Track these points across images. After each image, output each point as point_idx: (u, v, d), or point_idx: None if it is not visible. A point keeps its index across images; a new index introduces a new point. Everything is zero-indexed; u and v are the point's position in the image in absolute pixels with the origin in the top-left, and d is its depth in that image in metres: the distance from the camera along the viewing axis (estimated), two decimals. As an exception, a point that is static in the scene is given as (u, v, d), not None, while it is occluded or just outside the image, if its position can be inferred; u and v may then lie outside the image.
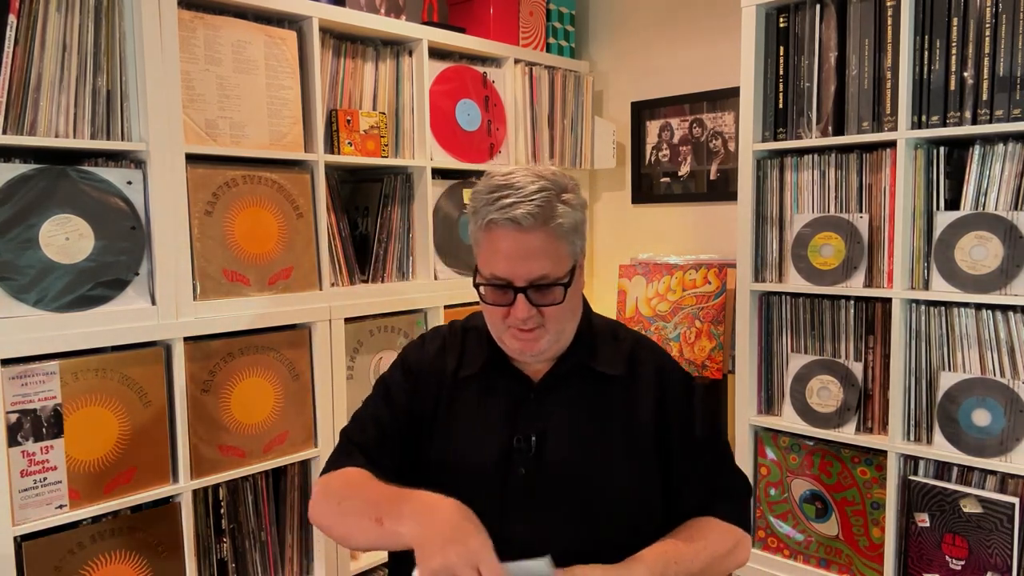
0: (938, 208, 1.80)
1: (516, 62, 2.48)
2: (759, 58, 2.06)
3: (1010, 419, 1.70)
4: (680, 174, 2.63)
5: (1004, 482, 1.73)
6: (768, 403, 2.13)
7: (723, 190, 2.51)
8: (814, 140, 1.97)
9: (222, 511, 1.80)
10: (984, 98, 1.71)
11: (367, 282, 2.14)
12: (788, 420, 2.05)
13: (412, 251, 2.24)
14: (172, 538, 1.71)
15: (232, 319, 1.79)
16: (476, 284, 1.17)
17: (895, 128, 1.83)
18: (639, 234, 2.73)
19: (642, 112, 2.71)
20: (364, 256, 2.16)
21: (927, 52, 1.78)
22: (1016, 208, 1.69)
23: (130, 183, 1.63)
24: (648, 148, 2.71)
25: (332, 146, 2.02)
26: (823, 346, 2.00)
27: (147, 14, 1.61)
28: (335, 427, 2.00)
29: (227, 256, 1.80)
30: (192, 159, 1.72)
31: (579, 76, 2.70)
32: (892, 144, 1.84)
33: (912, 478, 1.84)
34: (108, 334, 1.59)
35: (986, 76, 1.71)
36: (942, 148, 1.79)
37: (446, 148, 2.29)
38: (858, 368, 1.93)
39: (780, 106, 2.04)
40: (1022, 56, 1.66)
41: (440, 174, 2.29)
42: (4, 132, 1.46)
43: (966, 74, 1.74)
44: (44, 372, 1.51)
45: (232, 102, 1.80)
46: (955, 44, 1.75)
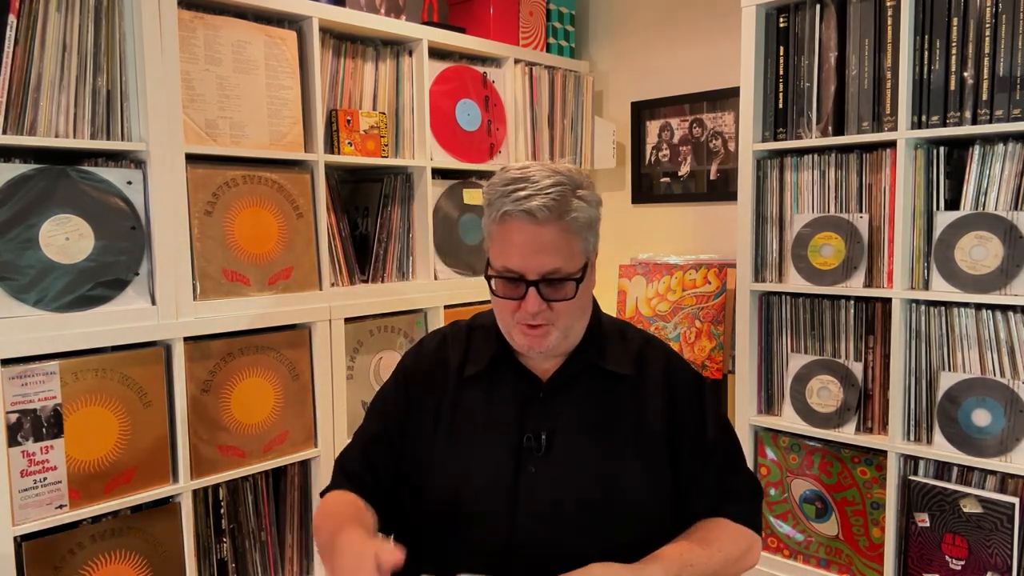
0: (938, 208, 1.80)
1: (516, 62, 2.48)
2: (759, 58, 2.06)
3: (1010, 419, 1.70)
4: (680, 174, 2.63)
5: (1004, 482, 1.73)
6: (768, 403, 2.13)
7: (723, 190, 2.51)
8: (814, 140, 1.97)
9: (222, 511, 1.80)
10: (984, 98, 1.71)
11: (367, 282, 2.14)
12: (788, 420, 2.05)
13: (412, 251, 2.24)
14: (172, 538, 1.71)
15: (232, 319, 1.79)
16: (488, 276, 1.17)
17: (895, 128, 1.83)
18: (639, 234, 2.73)
19: (642, 112, 2.71)
20: (364, 256, 2.16)
21: (927, 52, 1.78)
22: (1016, 208, 1.69)
23: (130, 183, 1.63)
24: (648, 148, 2.71)
25: (332, 146, 2.02)
26: (823, 346, 2.00)
27: (147, 14, 1.61)
28: (335, 427, 2.00)
29: (227, 256, 1.80)
30: (192, 159, 1.72)
31: (579, 76, 2.70)
32: (892, 144, 1.84)
33: (912, 478, 1.84)
34: (108, 334, 1.59)
35: (986, 76, 1.71)
36: (942, 148, 1.79)
37: (446, 148, 2.29)
38: (858, 368, 1.93)
39: (780, 106, 2.04)
40: (1022, 56, 1.66)
41: (440, 174, 2.30)
42: (4, 132, 1.46)
43: (966, 74, 1.74)
44: (44, 372, 1.51)
45: (232, 102, 1.80)
46: (955, 44, 1.75)
